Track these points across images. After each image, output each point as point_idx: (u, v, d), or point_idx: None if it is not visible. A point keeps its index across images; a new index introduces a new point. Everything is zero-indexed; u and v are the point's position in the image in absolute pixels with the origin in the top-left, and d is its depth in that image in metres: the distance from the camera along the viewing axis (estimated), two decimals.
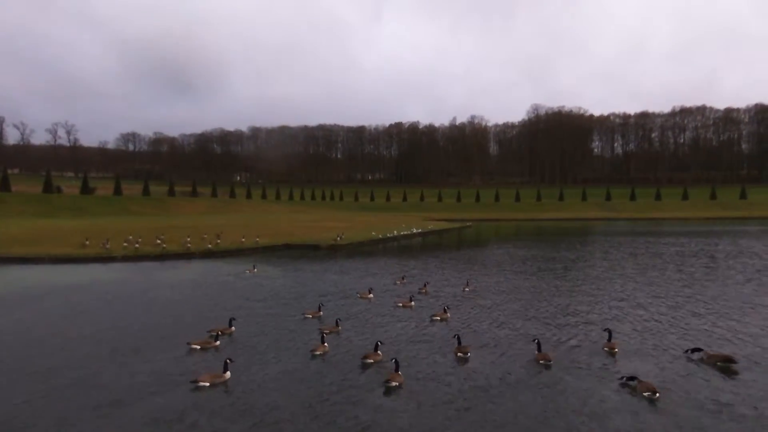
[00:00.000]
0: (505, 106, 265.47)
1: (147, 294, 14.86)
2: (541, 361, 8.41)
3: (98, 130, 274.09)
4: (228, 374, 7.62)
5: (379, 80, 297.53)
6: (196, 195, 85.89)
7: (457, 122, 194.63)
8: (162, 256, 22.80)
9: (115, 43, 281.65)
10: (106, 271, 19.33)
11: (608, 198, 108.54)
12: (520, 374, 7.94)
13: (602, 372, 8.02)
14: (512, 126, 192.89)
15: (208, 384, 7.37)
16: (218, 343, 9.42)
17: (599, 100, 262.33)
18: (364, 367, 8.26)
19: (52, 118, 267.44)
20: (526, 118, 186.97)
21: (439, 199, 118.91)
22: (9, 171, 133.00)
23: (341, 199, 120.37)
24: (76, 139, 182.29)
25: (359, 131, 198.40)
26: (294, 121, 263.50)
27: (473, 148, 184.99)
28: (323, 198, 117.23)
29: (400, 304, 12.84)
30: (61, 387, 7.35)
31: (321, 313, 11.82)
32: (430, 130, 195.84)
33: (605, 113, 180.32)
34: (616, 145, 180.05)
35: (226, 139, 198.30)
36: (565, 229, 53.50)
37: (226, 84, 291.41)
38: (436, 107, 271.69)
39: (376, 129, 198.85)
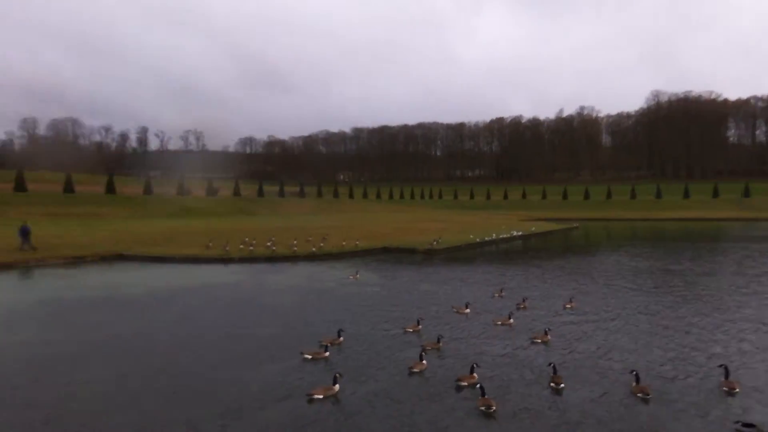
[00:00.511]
0: (618, 95, 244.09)
1: (259, 299, 16.27)
2: (639, 394, 7.86)
3: (222, 134, 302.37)
4: (337, 387, 8.14)
5: (479, 73, 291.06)
6: (303, 195, 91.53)
7: (564, 114, 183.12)
8: (271, 258, 24.77)
9: (231, 53, 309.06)
10: (226, 273, 21.53)
11: (746, 194, 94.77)
12: (618, 413, 7.42)
13: (714, 415, 7.22)
14: (627, 116, 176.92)
15: (321, 397, 7.94)
16: (328, 354, 9.97)
17: (736, 82, 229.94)
18: (458, 389, 8.31)
19: (184, 125, 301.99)
20: (645, 106, 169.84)
21: (544, 196, 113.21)
22: (151, 174, 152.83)
23: (440, 197, 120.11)
24: (203, 144, 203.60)
25: (458, 128, 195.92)
26: (394, 120, 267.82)
27: (582, 141, 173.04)
28: (422, 197, 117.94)
29: (499, 323, 12.49)
30: (180, 393, 8.41)
31: (420, 327, 11.96)
32: (534, 123, 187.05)
33: (743, 96, 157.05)
34: (758, 132, 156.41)
35: (330, 140, 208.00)
36: (691, 232, 47.96)
37: (329, 85, 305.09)
38: (540, 99, 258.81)
39: (476, 125, 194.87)
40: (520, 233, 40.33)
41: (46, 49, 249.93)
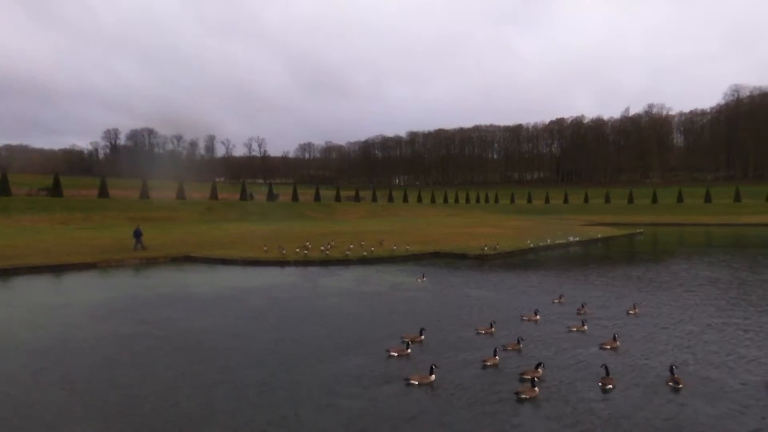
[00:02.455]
0: (692, 91, 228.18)
1: (313, 300, 17.19)
2: (670, 384, 8.66)
3: (281, 140, 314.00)
4: (433, 377, 9.03)
5: (540, 70, 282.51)
6: (358, 200, 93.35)
7: (631, 113, 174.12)
8: (325, 262, 25.82)
9: (287, 59, 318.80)
10: (282, 275, 22.75)
11: None
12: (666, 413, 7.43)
13: None
14: (702, 113, 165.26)
15: (417, 383, 8.85)
16: (410, 351, 10.72)
17: None
18: (521, 381, 9.03)
19: (248, 132, 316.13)
20: (723, 102, 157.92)
21: (607, 200, 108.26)
22: (217, 180, 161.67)
23: (496, 201, 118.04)
24: (265, 151, 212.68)
25: (516, 130, 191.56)
26: (449, 123, 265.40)
27: (651, 141, 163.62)
28: (477, 201, 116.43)
29: (574, 329, 12.63)
30: (274, 380, 9.29)
31: (493, 330, 12.40)
32: (597, 124, 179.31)
33: None
34: None
35: (386, 144, 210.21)
36: None
37: (383, 88, 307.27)
38: (605, 97, 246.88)
39: (534, 127, 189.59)
40: (577, 239, 39.10)
41: (117, 62, 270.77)
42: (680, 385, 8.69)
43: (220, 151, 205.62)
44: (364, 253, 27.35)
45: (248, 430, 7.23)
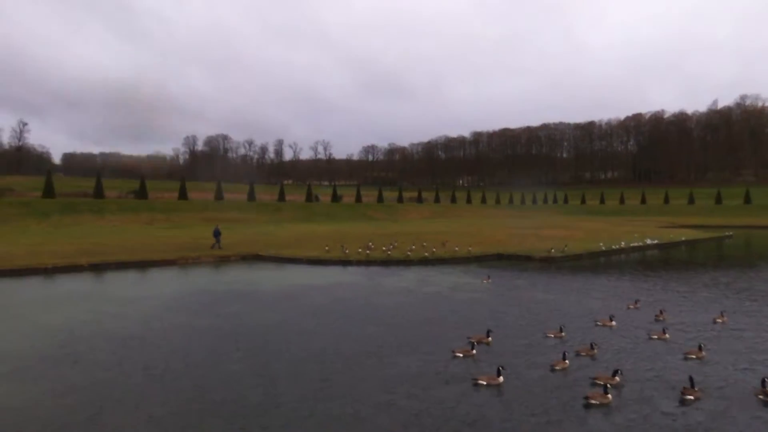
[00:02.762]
0: None
1: (374, 299, 17.31)
2: (760, 396, 7.97)
3: (345, 143, 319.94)
4: (501, 378, 8.92)
5: (611, 63, 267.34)
6: (421, 201, 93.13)
7: (719, 106, 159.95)
8: (386, 262, 25.93)
9: (348, 62, 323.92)
10: (345, 274, 23.10)
11: None
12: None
13: None
14: None
15: (485, 383, 8.80)
16: (475, 351, 10.64)
17: None
18: (593, 386, 8.58)
19: (313, 136, 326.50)
20: None
21: (690, 200, 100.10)
22: (285, 182, 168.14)
23: (566, 202, 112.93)
24: (330, 154, 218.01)
25: (588, 127, 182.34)
26: (514, 122, 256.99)
27: (743, 135, 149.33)
28: (545, 201, 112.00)
29: (655, 336, 11.93)
30: (339, 376, 9.50)
31: (563, 334, 12.04)
32: (680, 118, 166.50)
33: None
34: None
35: (449, 145, 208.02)
36: None
37: (445, 89, 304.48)
38: (688, 88, 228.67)
39: (608, 123, 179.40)
40: (655, 241, 36.41)
41: (191, 72, 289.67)
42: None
43: (288, 155, 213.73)
44: (426, 254, 27.16)
45: (309, 423, 7.36)
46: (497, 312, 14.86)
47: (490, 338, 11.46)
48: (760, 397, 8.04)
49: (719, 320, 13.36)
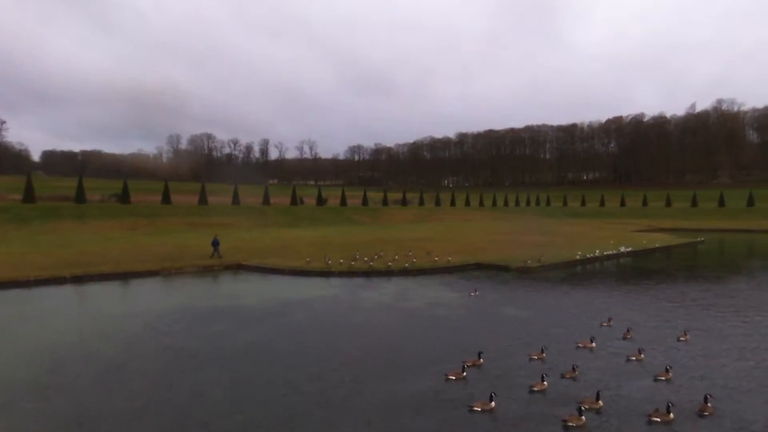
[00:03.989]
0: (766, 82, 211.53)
1: (353, 317, 17.87)
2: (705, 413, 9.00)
3: (331, 142, 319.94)
4: (494, 404, 9.45)
5: (598, 61, 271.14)
6: (405, 204, 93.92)
7: (697, 109, 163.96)
8: (368, 273, 26.50)
9: (333, 59, 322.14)
10: (326, 287, 23.59)
11: None
12: None
13: None
14: None
15: (480, 410, 9.36)
16: (465, 374, 11.18)
17: None
18: (580, 412, 9.14)
19: (299, 135, 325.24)
20: None
21: (668, 203, 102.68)
22: (270, 182, 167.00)
23: (548, 203, 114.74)
24: (316, 153, 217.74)
25: (570, 129, 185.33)
26: (499, 121, 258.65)
27: (719, 139, 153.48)
28: (528, 203, 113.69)
29: (633, 358, 12.58)
30: (327, 400, 10.05)
31: (544, 355, 12.64)
32: (659, 122, 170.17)
33: None
34: None
35: (435, 145, 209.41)
36: None
37: (432, 87, 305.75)
38: (669, 91, 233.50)
39: (590, 126, 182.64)
40: (629, 249, 37.62)
41: (170, 67, 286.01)
42: (706, 413, 9.10)
43: (273, 154, 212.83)
44: (406, 265, 27.80)
45: None
46: (474, 331, 15.51)
47: (481, 360, 12.03)
48: (705, 414, 8.95)
49: (682, 338, 14.22)
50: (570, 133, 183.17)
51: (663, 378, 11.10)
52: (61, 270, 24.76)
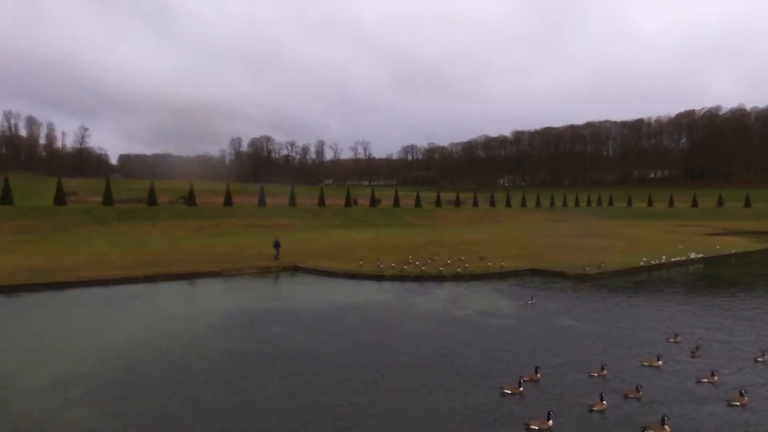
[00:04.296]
0: None
1: (405, 323, 18.02)
2: None
3: (385, 142, 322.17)
4: (551, 422, 9.32)
5: (666, 51, 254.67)
6: (458, 205, 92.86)
7: None
8: (420, 278, 26.54)
9: (386, 58, 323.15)
10: (378, 291, 23.89)
11: None
12: None
13: None
14: None
15: (536, 428, 9.25)
16: (522, 389, 10.97)
17: None
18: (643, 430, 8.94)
19: (353, 135, 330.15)
20: None
21: (747, 204, 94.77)
22: (325, 182, 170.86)
23: (610, 204, 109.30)
24: (370, 153, 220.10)
25: (636, 125, 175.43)
26: (557, 118, 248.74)
27: None
28: (589, 203, 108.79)
29: (705, 380, 11.82)
30: (382, 415, 10.36)
31: (605, 372, 12.15)
32: (738, 115, 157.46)
33: None
34: None
35: (489, 144, 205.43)
36: None
37: (486, 84, 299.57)
38: (749, 81, 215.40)
39: (658, 121, 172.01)
40: (700, 255, 35.12)
41: (231, 73, 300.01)
42: None
43: (328, 155, 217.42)
44: (458, 270, 27.56)
45: None
46: (534, 343, 15.14)
47: (538, 375, 11.76)
48: None
49: (760, 359, 13.16)
50: (636, 128, 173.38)
51: (737, 403, 10.34)
52: (134, 270, 26.70)
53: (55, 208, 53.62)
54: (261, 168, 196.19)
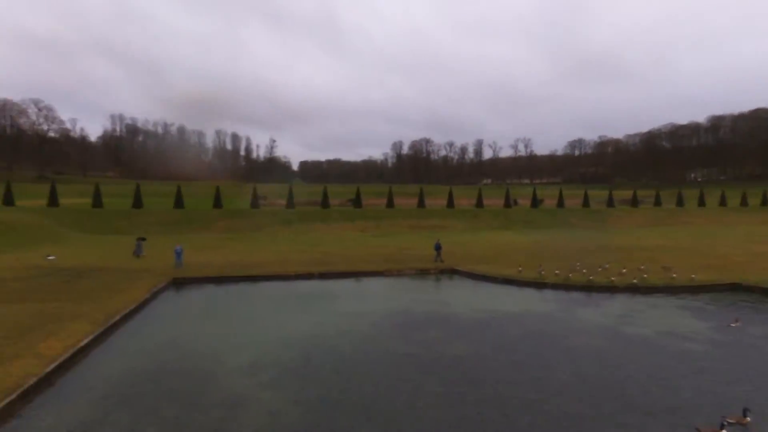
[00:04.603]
0: None
1: (570, 340, 16.83)
2: None
3: (548, 138, 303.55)
4: None
5: None
6: (636, 204, 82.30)
7: None
8: (587, 288, 24.38)
9: (548, 48, 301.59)
10: (538, 300, 22.68)
11: None
12: None
13: None
14: None
15: None
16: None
17: None
18: None
19: (513, 133, 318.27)
20: None
21: None
22: (484, 182, 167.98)
23: None
24: (531, 150, 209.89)
25: None
26: None
27: None
28: None
29: None
30: None
31: (748, 420, 10.06)
32: None
33: None
34: None
35: (676, 133, 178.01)
36: None
37: (671, 64, 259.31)
38: None
39: None
40: None
41: (392, 78, 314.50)
42: None
43: (487, 154, 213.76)
44: (634, 281, 24.54)
45: None
46: (738, 377, 12.79)
47: (748, 419, 9.90)
48: None
49: None
50: None
51: None
52: (310, 267, 30.05)
53: (251, 210, 63.33)
54: (421, 169, 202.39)
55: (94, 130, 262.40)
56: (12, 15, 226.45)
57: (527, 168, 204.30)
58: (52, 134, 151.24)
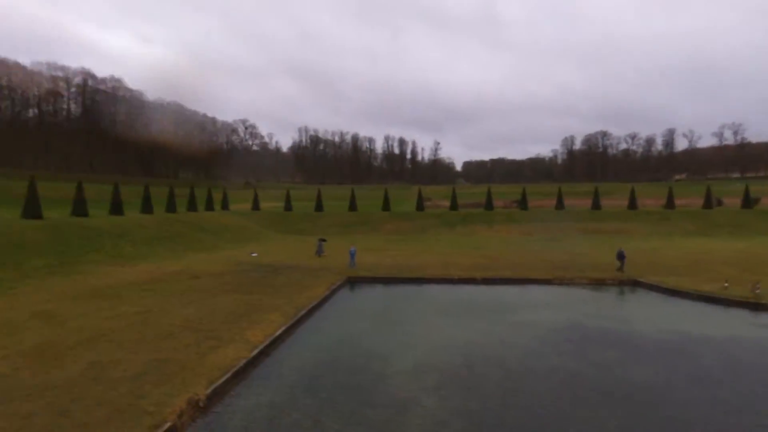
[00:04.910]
0: None
1: None
2: None
3: (764, 123, 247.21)
4: None
5: None
6: None
7: None
8: None
9: (762, 10, 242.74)
10: (751, 325, 18.77)
11: None
12: None
13: None
14: None
15: None
16: None
17: None
18: None
19: (716, 119, 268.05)
20: None
21: None
22: (676, 177, 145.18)
23: None
24: (742, 138, 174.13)
25: None
26: None
27: None
28: None
29: None
30: None
31: None
32: None
33: None
34: None
35: None
36: None
37: None
38: None
39: None
40: None
41: (557, 70, 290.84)
42: None
43: (681, 145, 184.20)
44: None
45: None
46: None
47: None
48: None
49: None
50: None
51: None
52: (473, 272, 29.88)
53: (416, 212, 65.75)
54: (596, 166, 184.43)
55: (285, 141, 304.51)
56: (218, 49, 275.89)
57: (736, 159, 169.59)
58: (255, 148, 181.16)
